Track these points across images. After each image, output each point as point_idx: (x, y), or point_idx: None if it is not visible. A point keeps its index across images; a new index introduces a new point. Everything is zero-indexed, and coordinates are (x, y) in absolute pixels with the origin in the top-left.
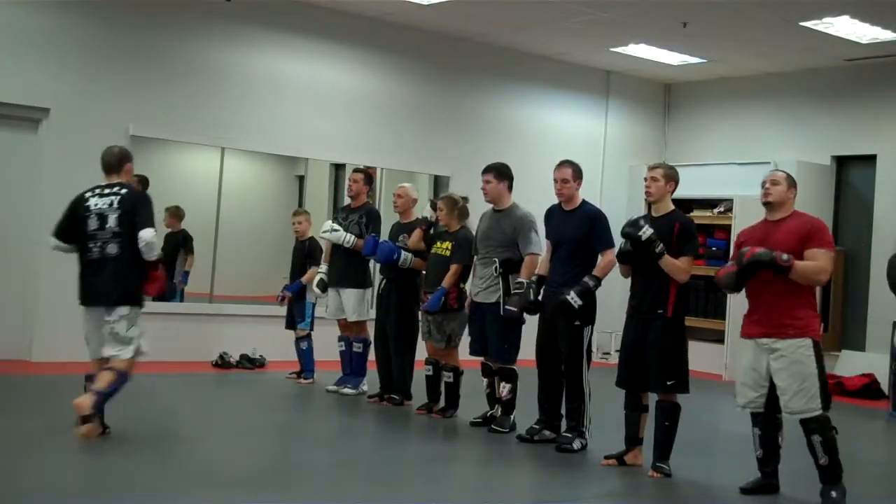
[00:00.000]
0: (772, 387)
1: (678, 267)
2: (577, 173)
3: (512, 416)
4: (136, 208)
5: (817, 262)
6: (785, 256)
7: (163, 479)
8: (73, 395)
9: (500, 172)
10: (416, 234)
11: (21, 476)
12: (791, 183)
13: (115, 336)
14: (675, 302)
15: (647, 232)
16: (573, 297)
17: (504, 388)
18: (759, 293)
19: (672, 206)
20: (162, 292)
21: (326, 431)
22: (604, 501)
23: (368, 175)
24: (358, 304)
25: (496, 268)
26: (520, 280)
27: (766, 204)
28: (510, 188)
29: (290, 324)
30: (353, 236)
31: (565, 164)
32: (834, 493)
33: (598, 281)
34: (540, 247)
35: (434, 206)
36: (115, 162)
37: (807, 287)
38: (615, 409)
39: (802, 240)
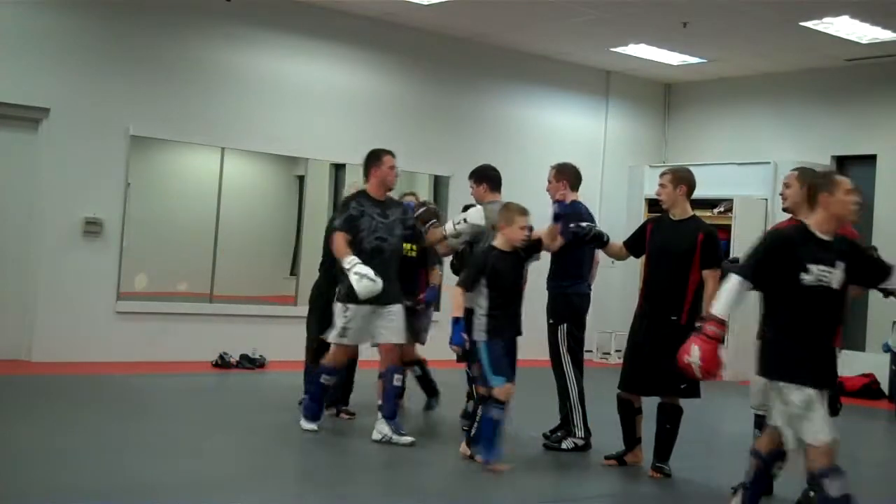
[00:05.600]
0: None
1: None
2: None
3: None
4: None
5: None
6: None
7: (161, 481)
8: (72, 394)
9: (476, 177)
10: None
11: (20, 477)
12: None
13: None
14: (689, 309)
15: (588, 229)
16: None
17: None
18: None
19: (691, 211)
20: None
21: (325, 431)
22: (604, 501)
23: None
24: None
25: None
26: None
27: (785, 210)
28: (491, 188)
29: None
30: None
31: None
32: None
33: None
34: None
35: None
36: None
37: None
38: (614, 409)
39: None
